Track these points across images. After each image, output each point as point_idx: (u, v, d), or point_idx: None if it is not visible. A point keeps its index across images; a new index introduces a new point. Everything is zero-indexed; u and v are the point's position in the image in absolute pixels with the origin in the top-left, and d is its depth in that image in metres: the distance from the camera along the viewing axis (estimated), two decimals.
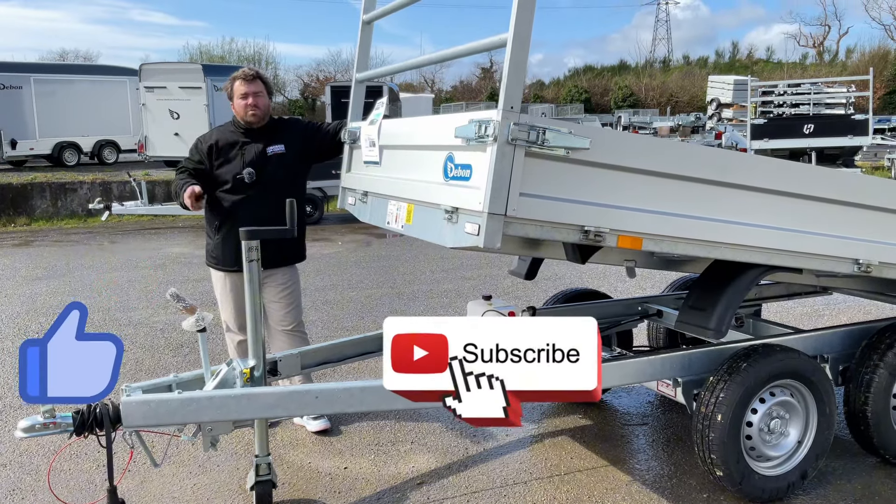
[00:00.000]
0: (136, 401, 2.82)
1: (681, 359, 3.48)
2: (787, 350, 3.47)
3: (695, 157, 3.11)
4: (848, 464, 3.85)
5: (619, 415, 4.58)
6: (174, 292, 3.14)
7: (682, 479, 3.71)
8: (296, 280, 4.26)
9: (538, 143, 2.62)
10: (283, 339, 4.19)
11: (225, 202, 4.08)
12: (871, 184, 3.67)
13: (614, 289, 7.91)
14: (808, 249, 3.36)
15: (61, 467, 3.91)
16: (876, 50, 55.55)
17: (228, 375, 3.14)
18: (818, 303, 7.24)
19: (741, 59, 67.14)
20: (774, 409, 3.42)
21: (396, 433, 4.31)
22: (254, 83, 4.04)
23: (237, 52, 48.56)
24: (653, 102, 55.63)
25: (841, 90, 23.47)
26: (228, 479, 3.77)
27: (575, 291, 4.76)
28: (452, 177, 2.89)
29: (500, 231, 2.64)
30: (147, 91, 19.14)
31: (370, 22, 3.94)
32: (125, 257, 11.20)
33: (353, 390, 2.98)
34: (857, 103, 23.13)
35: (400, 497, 3.57)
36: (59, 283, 9.11)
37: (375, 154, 3.67)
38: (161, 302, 7.79)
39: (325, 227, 14.24)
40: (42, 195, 16.40)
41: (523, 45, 2.56)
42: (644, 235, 2.96)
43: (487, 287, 8.33)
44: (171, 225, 15.20)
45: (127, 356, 5.94)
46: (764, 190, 3.19)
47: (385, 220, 3.53)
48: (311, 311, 7.09)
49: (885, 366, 3.65)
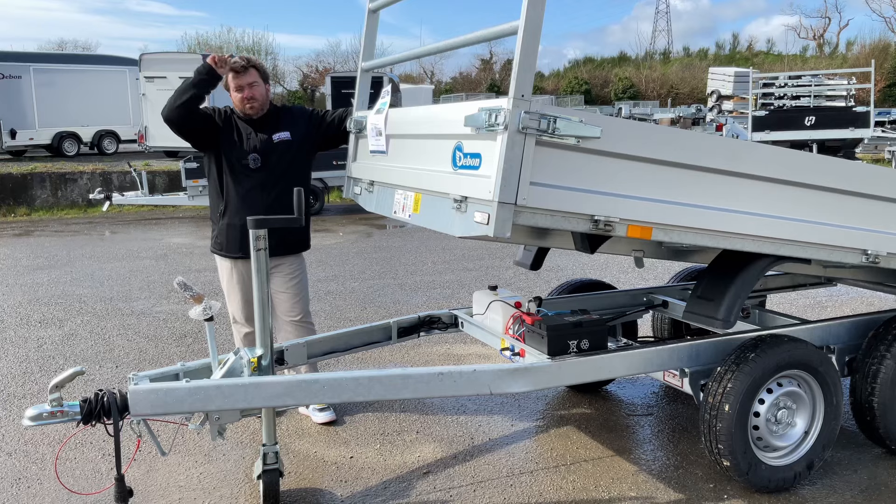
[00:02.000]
0: (145, 389, 2.81)
1: (688, 349, 3.47)
2: (795, 340, 3.46)
3: (705, 146, 3.09)
4: (854, 454, 3.85)
5: (625, 405, 4.58)
6: (181, 281, 3.13)
7: (688, 469, 3.71)
8: (303, 270, 4.25)
9: (549, 132, 2.61)
10: (291, 330, 4.17)
11: (230, 188, 4.05)
12: (880, 174, 3.65)
13: (617, 280, 7.92)
14: (817, 240, 3.35)
15: (68, 456, 3.90)
16: (876, 42, 55.51)
17: (236, 364, 3.13)
18: (821, 294, 7.24)
19: (741, 51, 67.06)
20: (782, 400, 3.41)
21: (402, 423, 4.31)
22: (247, 74, 3.94)
23: (236, 42, 48.41)
24: (653, 94, 55.55)
25: (842, 82, 23.45)
26: (235, 469, 3.77)
27: (580, 282, 4.75)
28: (461, 166, 2.88)
29: (510, 220, 2.63)
30: (147, 81, 19.08)
31: (376, 10, 3.92)
32: (126, 247, 11.19)
33: (361, 379, 2.97)
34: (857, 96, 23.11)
35: (406, 486, 3.57)
36: (60, 273, 9.10)
37: (382, 143, 3.65)
38: (163, 292, 7.79)
39: (327, 218, 14.23)
40: (42, 185, 16.38)
41: (535, 32, 2.54)
42: (654, 225, 2.95)
43: (490, 278, 8.33)
44: (172, 215, 15.18)
45: (130, 346, 5.93)
46: (774, 180, 3.18)
47: (392, 210, 3.51)
48: (314, 302, 7.07)
49: (891, 356, 3.64)
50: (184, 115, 3.87)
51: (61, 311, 7.15)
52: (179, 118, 3.87)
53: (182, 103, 3.83)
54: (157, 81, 18.99)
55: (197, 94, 3.85)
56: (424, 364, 5.33)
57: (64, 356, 5.67)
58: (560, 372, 3.21)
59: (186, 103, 3.83)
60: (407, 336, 4.13)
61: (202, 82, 3.85)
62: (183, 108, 3.84)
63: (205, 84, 3.85)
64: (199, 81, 3.85)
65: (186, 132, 3.97)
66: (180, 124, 3.90)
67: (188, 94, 3.83)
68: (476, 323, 3.92)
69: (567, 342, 3.31)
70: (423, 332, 4.17)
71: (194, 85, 3.85)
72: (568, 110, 2.72)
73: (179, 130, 3.95)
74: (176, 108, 3.84)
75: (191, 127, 3.95)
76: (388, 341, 4.08)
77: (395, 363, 5.38)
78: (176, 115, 3.85)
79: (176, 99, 3.85)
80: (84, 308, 7.28)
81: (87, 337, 6.23)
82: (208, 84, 3.86)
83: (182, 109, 3.84)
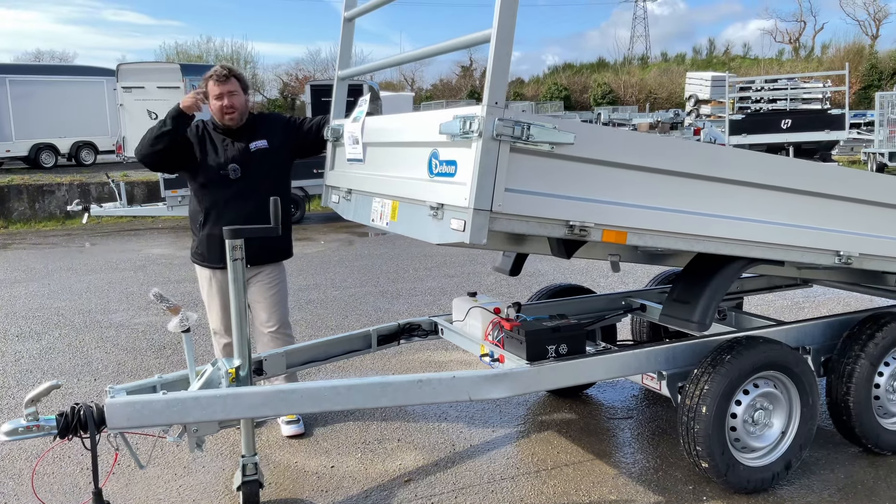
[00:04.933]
0: (121, 402, 2.79)
1: (665, 352, 3.50)
2: (770, 342, 3.50)
3: (678, 151, 3.13)
4: (831, 454, 3.89)
5: (605, 409, 4.61)
6: (157, 292, 3.11)
7: (667, 471, 3.73)
8: (282, 279, 4.23)
9: (523, 139, 2.63)
10: (268, 341, 4.16)
11: (209, 198, 4.05)
12: (851, 176, 3.71)
13: (596, 284, 7.96)
14: (790, 242, 3.40)
15: (45, 471, 3.86)
16: (851, 45, 56.19)
17: (214, 375, 3.11)
18: (798, 295, 7.32)
19: (718, 55, 67.66)
20: (758, 401, 3.45)
21: (383, 431, 4.30)
22: (228, 83, 3.96)
23: (215, 52, 48.25)
24: (632, 99, 55.91)
25: (817, 85, 23.74)
26: (214, 480, 3.74)
27: (559, 287, 4.77)
28: (437, 173, 2.89)
29: (485, 226, 2.64)
30: (125, 91, 18.98)
31: (352, 19, 3.92)
32: (104, 259, 11.10)
33: (340, 388, 2.97)
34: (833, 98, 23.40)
35: (388, 495, 3.56)
36: (37, 286, 9.01)
37: (359, 151, 3.66)
38: (142, 304, 7.73)
39: (308, 227, 14.19)
40: (19, 197, 16.21)
41: (507, 40, 2.56)
42: (628, 229, 2.97)
43: (471, 284, 8.34)
44: (151, 226, 15.08)
45: (108, 358, 5.88)
46: (746, 183, 3.22)
47: (370, 218, 3.52)
48: (295, 311, 7.05)
49: (866, 356, 3.69)
50: (158, 159, 3.97)
51: (39, 325, 7.08)
52: (154, 162, 4.00)
53: (157, 151, 3.90)
54: (135, 92, 18.92)
55: (169, 139, 3.89)
56: (405, 371, 5.33)
57: (42, 370, 5.61)
58: (539, 377, 3.22)
59: (161, 150, 3.90)
60: (387, 344, 4.13)
61: (174, 127, 3.87)
62: (157, 154, 3.93)
63: (175, 128, 3.87)
64: (170, 126, 3.86)
65: (162, 168, 4.16)
66: (155, 166, 4.06)
67: (161, 142, 3.88)
68: (456, 329, 3.93)
69: (546, 347, 3.32)
70: (403, 339, 4.17)
71: (166, 130, 3.87)
72: (541, 117, 2.74)
73: (155, 169, 4.13)
74: (151, 154, 3.93)
75: (165, 164, 4.08)
76: (369, 349, 4.07)
77: (375, 371, 5.37)
78: (151, 160, 3.98)
79: (150, 145, 3.91)
80: (62, 321, 7.21)
81: (65, 350, 6.17)
82: (179, 127, 3.90)
83: (156, 155, 3.93)
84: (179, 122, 3.88)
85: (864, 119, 32.38)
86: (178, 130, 3.89)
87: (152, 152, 3.90)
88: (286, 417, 4.26)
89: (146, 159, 3.95)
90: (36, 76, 22.50)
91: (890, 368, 3.83)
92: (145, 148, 3.91)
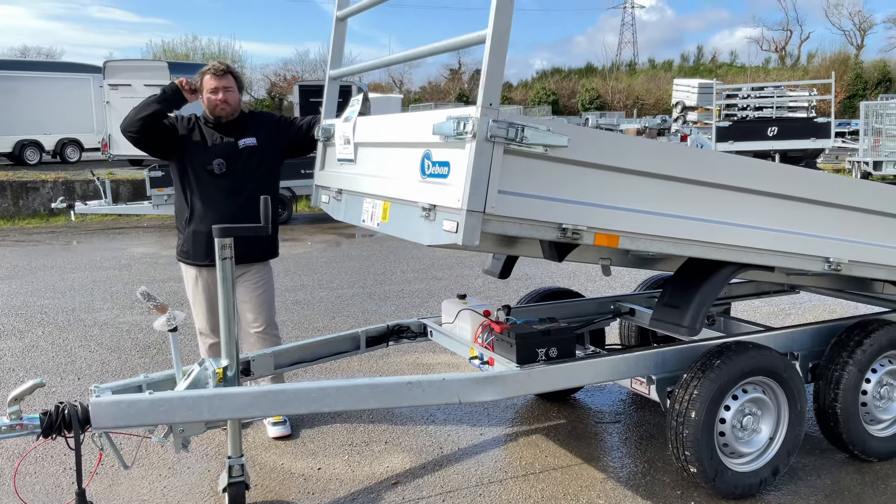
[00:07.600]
0: (106, 401, 2.75)
1: (654, 356, 3.50)
2: (760, 347, 3.51)
3: (670, 155, 3.13)
4: (818, 460, 3.90)
5: (593, 413, 4.60)
6: (145, 291, 3.08)
7: (655, 476, 3.73)
8: (269, 279, 4.20)
9: (517, 141, 2.62)
10: (255, 341, 4.12)
11: (195, 194, 4.02)
12: (841, 183, 3.72)
13: (585, 288, 7.96)
14: (780, 248, 3.40)
15: (27, 470, 3.81)
16: (836, 55, 56.76)
17: (201, 375, 3.08)
18: (784, 302, 7.35)
19: (705, 62, 68.11)
20: (747, 406, 3.45)
21: (370, 433, 4.27)
22: (224, 78, 3.98)
23: (202, 50, 48.06)
24: (619, 105, 56.11)
25: (803, 94, 23.92)
26: (199, 482, 3.70)
27: (548, 290, 4.77)
28: (430, 174, 2.87)
29: (478, 228, 2.63)
30: (111, 89, 18.87)
31: (344, 19, 3.91)
32: (89, 257, 11.00)
33: (328, 389, 2.94)
34: (818, 107, 23.58)
35: (375, 497, 3.54)
36: (21, 284, 8.91)
37: (350, 151, 3.63)
38: (127, 302, 7.66)
39: (295, 227, 14.13)
40: (3, 194, 16.05)
41: (502, 41, 2.55)
42: (621, 233, 2.97)
43: (459, 287, 8.33)
44: (136, 224, 14.97)
45: (93, 357, 5.82)
46: (739, 189, 3.22)
47: (360, 219, 3.49)
48: (282, 312, 7.01)
49: (853, 363, 3.70)
50: (143, 129, 3.89)
51: (22, 323, 7.00)
52: (138, 131, 3.88)
53: (143, 117, 3.86)
54: (122, 89, 18.81)
55: (160, 110, 3.89)
56: (393, 373, 5.30)
57: (24, 368, 5.54)
58: (528, 380, 3.21)
59: (148, 118, 3.86)
60: (376, 345, 4.11)
61: (166, 100, 3.90)
62: (144, 121, 3.86)
63: (169, 103, 3.91)
64: (163, 99, 3.90)
65: (144, 144, 3.98)
66: (138, 136, 3.92)
67: (151, 108, 3.87)
68: (445, 332, 3.91)
69: (535, 350, 3.31)
70: (391, 341, 4.15)
71: (158, 101, 3.89)
72: (536, 119, 2.73)
73: (137, 142, 3.97)
74: (137, 120, 3.86)
75: (148, 139, 3.96)
76: (357, 351, 4.05)
77: (363, 373, 5.34)
78: (136, 128, 3.88)
79: (137, 112, 3.89)
80: (45, 319, 7.13)
81: (49, 349, 6.10)
82: (172, 104, 3.93)
83: (142, 123, 3.86)
84: (173, 97, 3.90)
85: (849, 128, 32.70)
86: (167, 103, 3.90)
87: (140, 118, 3.85)
88: (273, 419, 4.23)
89: (132, 126, 3.87)
90: (21, 72, 22.33)
91: (877, 375, 3.85)
92: (133, 115, 3.88)
